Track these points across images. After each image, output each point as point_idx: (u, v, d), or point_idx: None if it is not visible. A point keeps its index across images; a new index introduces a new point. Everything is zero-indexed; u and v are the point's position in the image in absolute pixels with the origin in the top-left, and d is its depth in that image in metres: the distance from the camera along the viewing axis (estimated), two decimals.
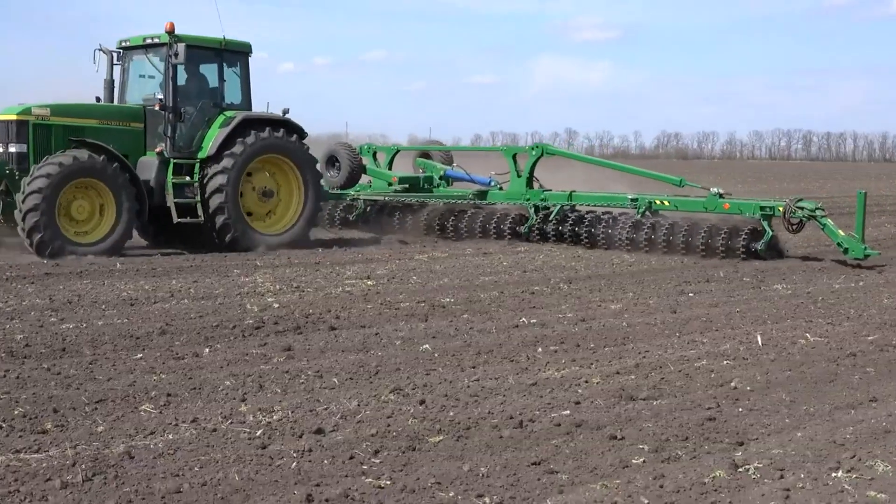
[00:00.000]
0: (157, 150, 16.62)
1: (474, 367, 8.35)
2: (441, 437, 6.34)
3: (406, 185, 21.23)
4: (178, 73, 16.82)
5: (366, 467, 5.74)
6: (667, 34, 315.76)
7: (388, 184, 21.51)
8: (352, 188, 21.18)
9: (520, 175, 19.69)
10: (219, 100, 17.42)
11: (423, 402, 7.14)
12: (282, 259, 15.65)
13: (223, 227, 16.68)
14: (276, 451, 5.99)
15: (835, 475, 5.69)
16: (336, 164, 20.87)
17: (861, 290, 13.36)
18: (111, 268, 14.05)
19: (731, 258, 16.17)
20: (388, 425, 6.57)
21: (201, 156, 16.76)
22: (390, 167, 22.39)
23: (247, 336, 9.47)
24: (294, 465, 5.75)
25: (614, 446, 6.22)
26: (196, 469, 5.65)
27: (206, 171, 16.67)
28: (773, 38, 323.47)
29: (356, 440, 6.23)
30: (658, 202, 17.83)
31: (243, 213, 17.03)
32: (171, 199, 16.47)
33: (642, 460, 5.95)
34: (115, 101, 17.51)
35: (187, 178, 16.66)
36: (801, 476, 5.67)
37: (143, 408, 6.90)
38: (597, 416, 6.89)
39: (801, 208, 16.29)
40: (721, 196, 17.25)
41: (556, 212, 18.48)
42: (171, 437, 6.24)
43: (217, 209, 16.59)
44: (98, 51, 17.43)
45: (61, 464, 5.66)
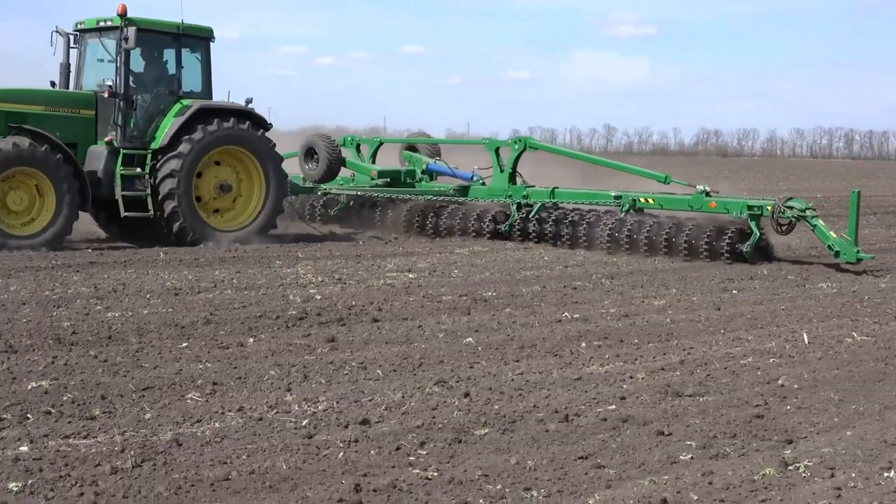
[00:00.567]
0: (107, 139, 15.79)
1: (518, 361, 8.33)
2: (487, 430, 6.32)
3: (387, 180, 20.17)
4: (130, 59, 15.89)
5: (412, 458, 5.73)
6: (704, 29, 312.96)
7: (371, 178, 20.39)
8: (331, 181, 19.90)
9: (502, 170, 18.83)
10: (176, 87, 16.46)
11: (467, 395, 7.13)
12: (323, 251, 15.71)
13: (172, 214, 15.73)
14: (322, 441, 6.01)
15: (887, 475, 5.60)
16: (314, 156, 19.57)
17: None
18: (155, 257, 14.16)
19: (715, 261, 15.28)
20: (434, 417, 6.56)
21: (154, 146, 15.88)
22: (374, 160, 21.38)
23: (290, 327, 9.51)
24: (341, 455, 5.76)
25: (661, 442, 6.17)
26: (244, 457, 5.67)
27: (158, 159, 15.77)
28: (815, 32, 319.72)
29: (402, 431, 6.23)
30: (643, 200, 16.97)
31: (195, 203, 16.09)
32: (119, 192, 15.60)
33: (690, 457, 5.90)
34: (72, 87, 16.52)
35: (138, 169, 15.75)
36: (853, 475, 5.59)
37: (190, 396, 6.95)
38: (643, 412, 6.84)
39: (791, 208, 15.20)
40: (707, 194, 16.23)
41: (537, 209, 17.75)
42: (217, 425, 6.28)
43: (167, 195, 15.66)
44: (55, 33, 16.44)
45: (110, 450, 5.71)
